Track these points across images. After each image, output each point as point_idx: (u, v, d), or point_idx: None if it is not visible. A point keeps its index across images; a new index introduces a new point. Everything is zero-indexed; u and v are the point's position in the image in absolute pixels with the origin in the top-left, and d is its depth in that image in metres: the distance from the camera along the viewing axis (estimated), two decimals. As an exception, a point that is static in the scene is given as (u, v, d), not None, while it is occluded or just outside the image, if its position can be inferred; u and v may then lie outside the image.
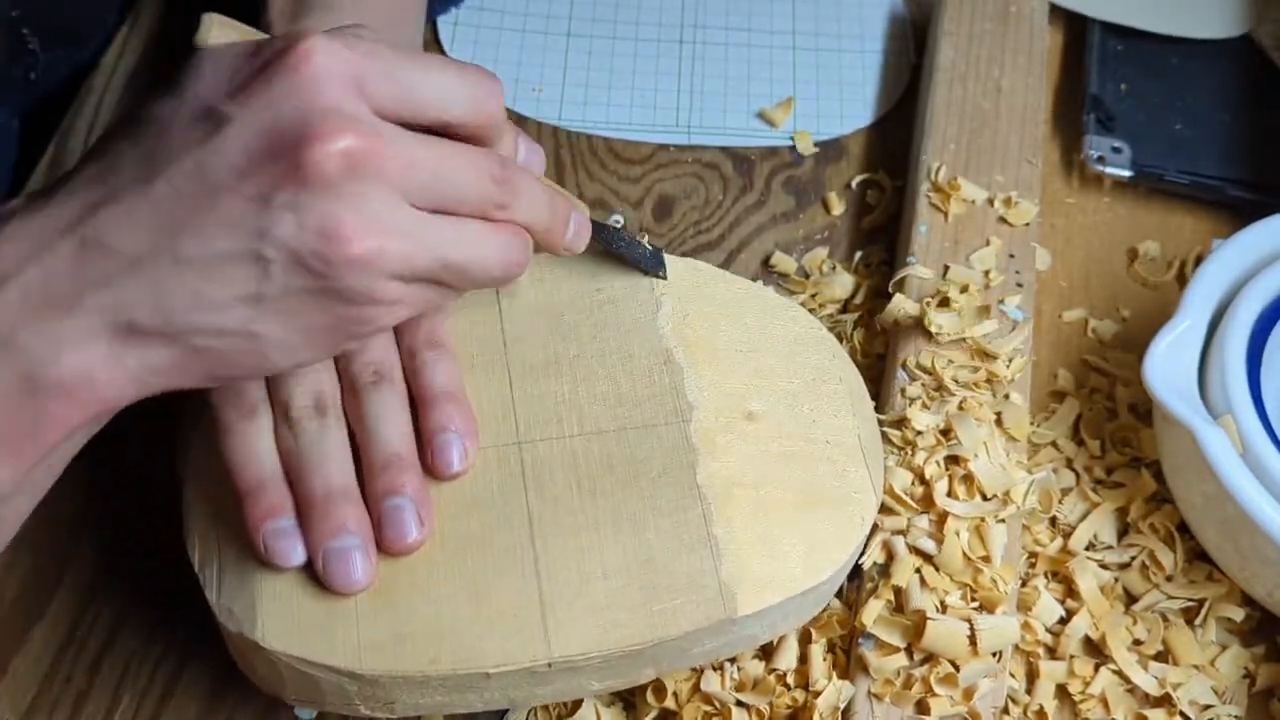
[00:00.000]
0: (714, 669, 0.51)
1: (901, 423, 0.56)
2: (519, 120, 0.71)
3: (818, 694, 0.50)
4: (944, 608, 0.51)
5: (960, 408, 0.56)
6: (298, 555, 0.46)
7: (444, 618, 0.46)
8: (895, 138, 0.71)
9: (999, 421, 0.57)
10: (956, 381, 0.57)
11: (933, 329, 0.57)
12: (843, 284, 0.64)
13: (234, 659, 0.49)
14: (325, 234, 0.39)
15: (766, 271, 0.65)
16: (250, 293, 0.39)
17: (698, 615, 0.47)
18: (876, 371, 0.60)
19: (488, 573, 0.47)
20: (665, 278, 0.54)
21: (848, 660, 0.52)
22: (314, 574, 0.46)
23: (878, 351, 0.61)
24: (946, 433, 0.55)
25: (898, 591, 0.52)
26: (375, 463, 0.47)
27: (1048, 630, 0.54)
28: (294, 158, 0.38)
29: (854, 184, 0.69)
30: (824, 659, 0.52)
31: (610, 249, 0.53)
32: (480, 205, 0.43)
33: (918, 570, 0.52)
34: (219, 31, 0.41)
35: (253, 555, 0.47)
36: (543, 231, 0.46)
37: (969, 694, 0.50)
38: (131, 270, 0.39)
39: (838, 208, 0.68)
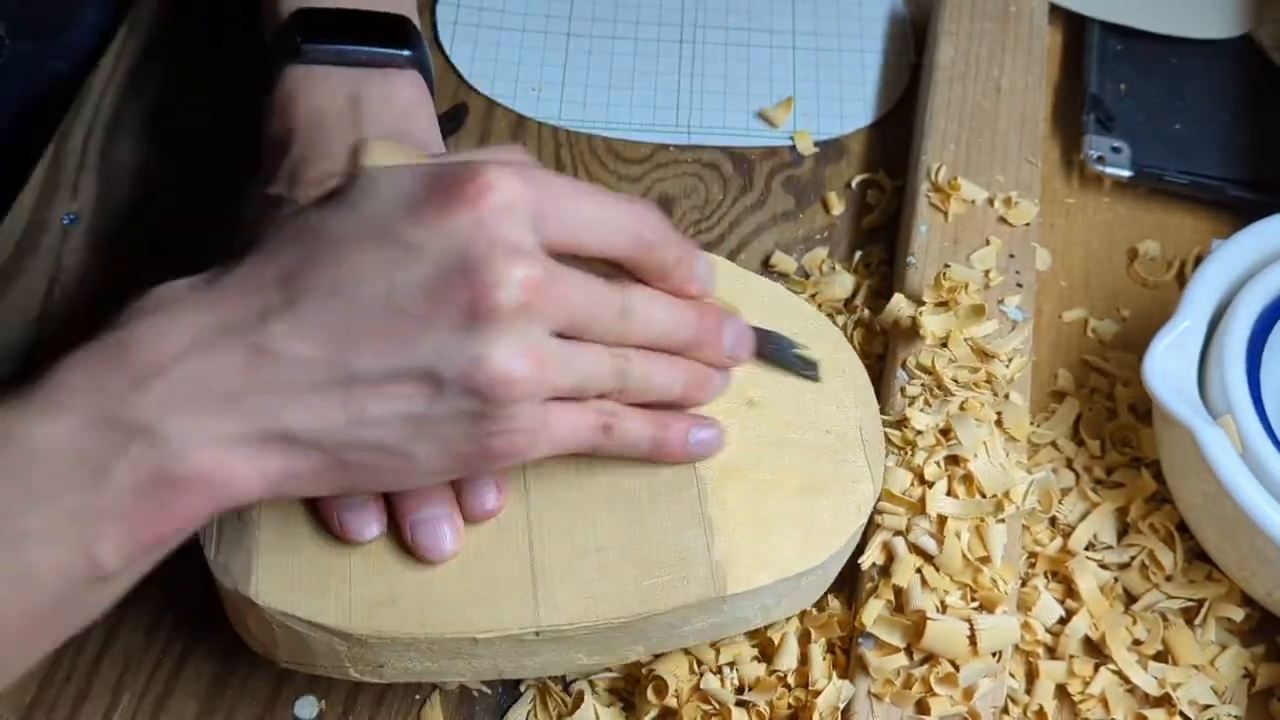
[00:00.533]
0: (714, 671, 0.52)
1: (901, 423, 0.56)
2: (518, 120, 0.71)
3: (817, 694, 0.50)
4: (944, 608, 0.51)
5: (961, 408, 0.56)
6: (372, 530, 0.47)
7: (435, 582, 0.47)
8: (895, 137, 0.71)
9: (999, 421, 0.57)
10: (956, 382, 0.57)
11: (925, 334, 0.57)
12: (842, 284, 0.64)
13: (232, 624, 0.49)
14: (498, 363, 0.40)
15: (766, 271, 0.65)
16: (415, 413, 0.40)
17: (687, 592, 0.47)
18: (876, 371, 0.60)
19: (481, 541, 0.48)
20: (817, 379, 0.53)
21: (848, 660, 0.52)
22: (310, 534, 0.47)
23: (877, 352, 0.61)
24: (946, 433, 0.55)
25: (898, 591, 0.52)
26: None
27: (1047, 630, 0.54)
28: (477, 287, 0.39)
29: (854, 184, 0.69)
30: (824, 659, 0.52)
31: (765, 355, 0.53)
32: (613, 336, 0.44)
33: (918, 570, 0.52)
34: (381, 154, 0.43)
35: (245, 518, 0.47)
36: (693, 347, 0.47)
37: (969, 694, 0.50)
38: (300, 383, 0.39)
39: (838, 208, 0.68)
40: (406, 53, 0.58)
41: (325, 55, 0.57)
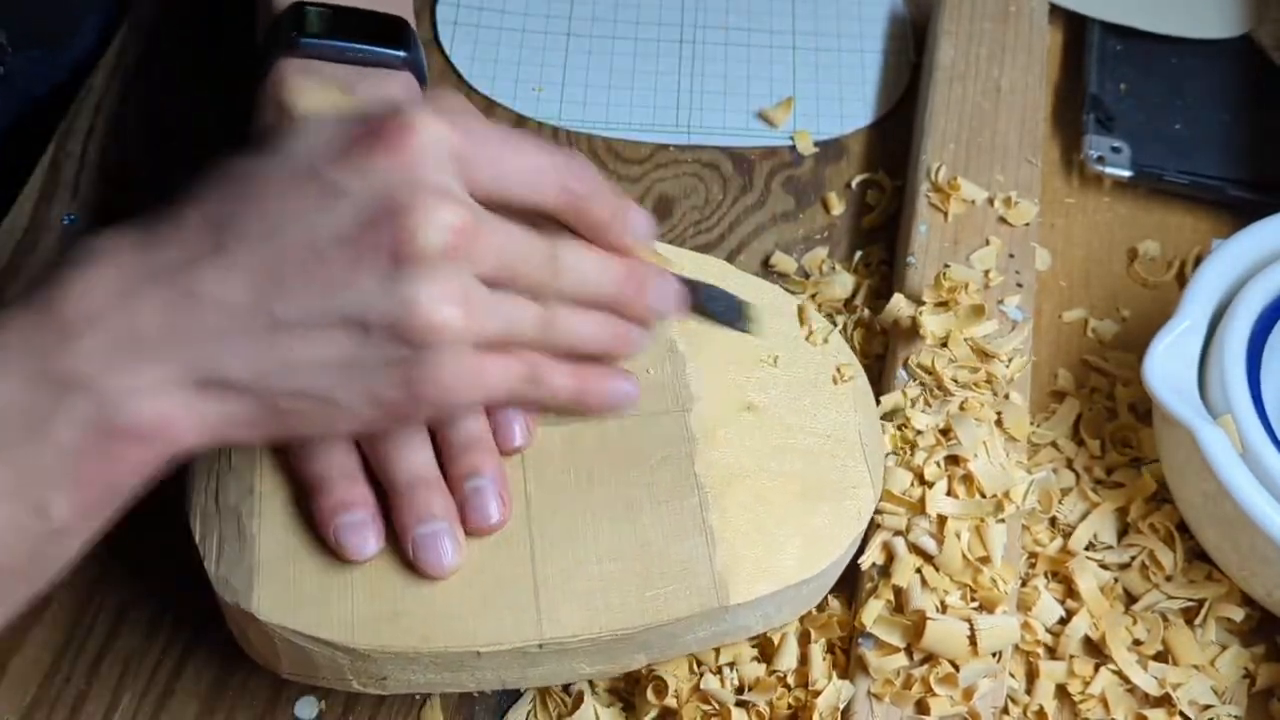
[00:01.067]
0: (713, 672, 0.51)
1: (902, 423, 0.56)
2: (519, 121, 0.71)
3: (817, 694, 0.50)
4: (944, 608, 0.51)
5: (961, 408, 0.56)
6: (370, 547, 0.47)
7: (437, 596, 0.46)
8: (895, 137, 0.71)
9: (999, 422, 0.57)
10: (956, 382, 0.57)
11: (925, 334, 0.57)
12: (842, 284, 0.64)
13: (233, 634, 0.49)
14: (424, 307, 0.39)
15: (766, 271, 0.65)
16: (342, 357, 0.40)
17: (690, 603, 0.47)
18: (876, 371, 0.60)
19: (483, 553, 0.47)
20: (750, 332, 0.51)
21: (848, 660, 0.52)
22: (310, 548, 0.47)
23: (877, 352, 0.61)
24: (946, 432, 0.55)
25: (898, 591, 0.52)
26: (454, 445, 0.48)
27: (1048, 630, 0.54)
28: (401, 230, 0.39)
29: (854, 184, 0.69)
30: (823, 659, 0.52)
31: (699, 309, 0.50)
32: (539, 286, 0.43)
33: (918, 570, 0.52)
34: (315, 98, 0.43)
35: (246, 532, 0.47)
36: (620, 301, 0.46)
37: (969, 694, 0.50)
38: (228, 327, 0.39)
39: (837, 208, 0.68)
40: (402, 54, 0.57)
41: (320, 50, 0.56)
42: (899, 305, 0.59)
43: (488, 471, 0.48)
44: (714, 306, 0.50)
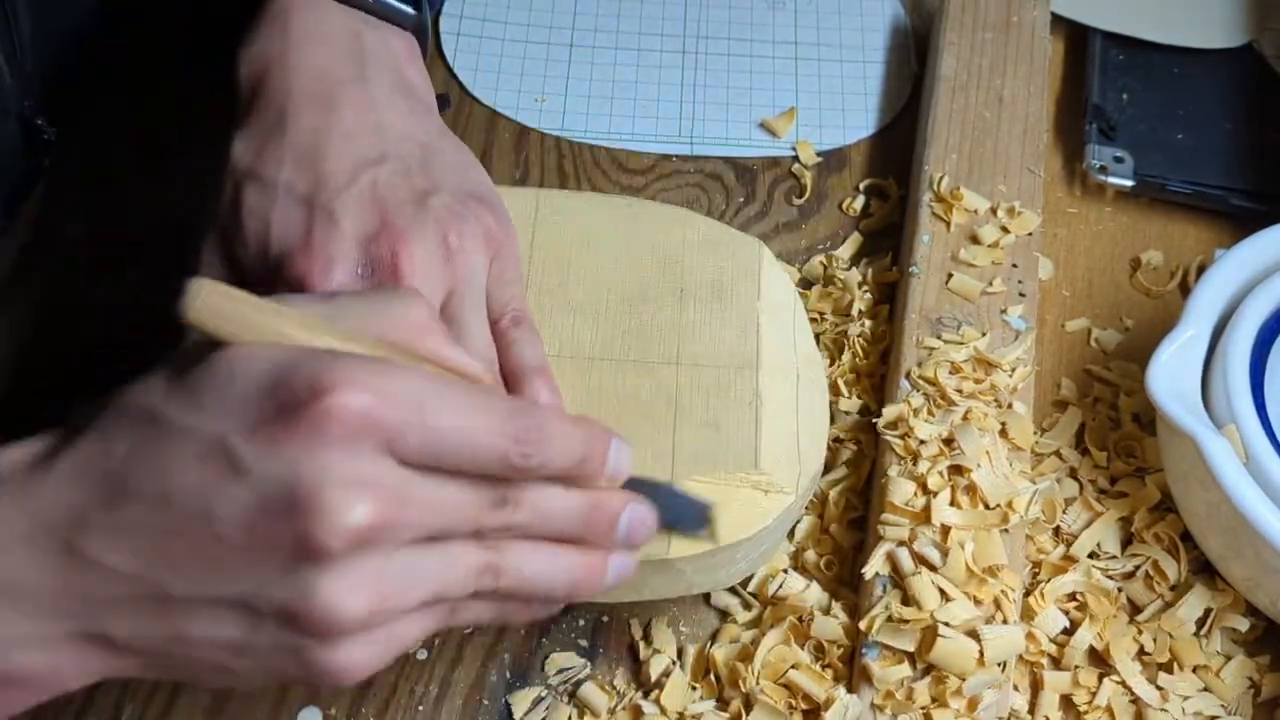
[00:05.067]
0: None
1: (905, 433, 0.56)
2: (522, 131, 0.71)
3: (827, 705, 0.50)
4: (948, 618, 0.51)
5: (964, 418, 0.56)
6: None
7: None
8: (897, 148, 0.71)
9: (1003, 431, 0.57)
10: (960, 392, 0.57)
11: (916, 443, 0.56)
12: (845, 293, 0.64)
13: None
14: (322, 604, 0.36)
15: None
16: (234, 640, 0.37)
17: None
18: (879, 381, 0.60)
19: None
20: (706, 538, 0.48)
21: (850, 671, 0.52)
22: None
23: (879, 361, 0.61)
24: (950, 442, 0.55)
25: (902, 601, 0.52)
26: None
27: (1052, 640, 0.54)
28: (302, 529, 0.35)
29: (861, 187, 0.69)
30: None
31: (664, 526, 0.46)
32: (477, 535, 0.40)
33: (921, 579, 0.52)
34: (209, 302, 0.37)
35: None
36: (581, 538, 0.42)
37: (973, 704, 0.50)
38: (115, 594, 0.37)
39: (840, 217, 0.68)
40: (412, 11, 0.55)
41: None
42: (891, 411, 0.57)
43: None
44: (674, 520, 0.46)
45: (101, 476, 0.37)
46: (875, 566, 0.53)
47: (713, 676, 0.53)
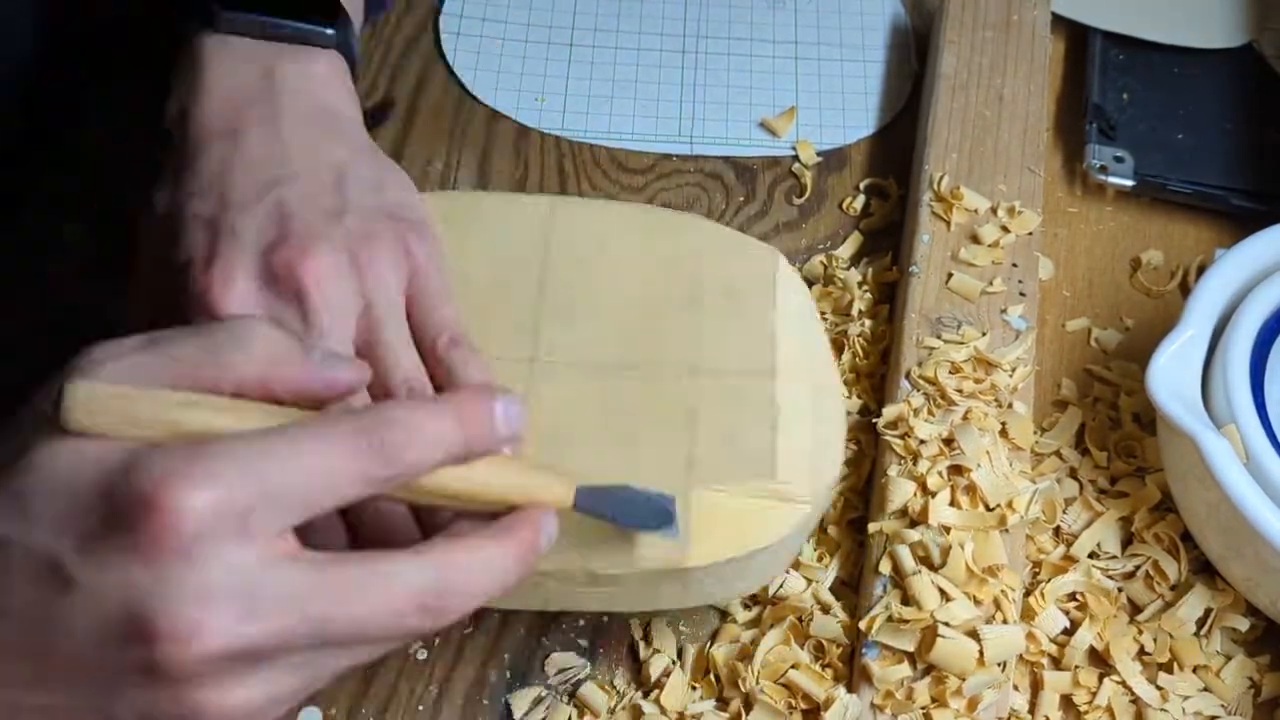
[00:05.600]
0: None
1: (905, 432, 0.56)
2: (522, 131, 0.71)
3: (827, 705, 0.50)
4: (948, 618, 0.51)
5: (964, 418, 0.56)
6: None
7: None
8: (897, 147, 0.71)
9: (1003, 431, 0.57)
10: (960, 392, 0.57)
11: (916, 442, 0.56)
12: (846, 293, 0.64)
13: None
14: (185, 716, 0.34)
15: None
16: None
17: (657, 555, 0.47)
18: (879, 381, 0.60)
19: None
20: (672, 537, 0.46)
21: (850, 671, 0.52)
22: None
23: (879, 361, 0.61)
24: (950, 442, 0.55)
25: (902, 601, 0.52)
26: None
27: (1052, 640, 0.54)
28: (145, 657, 0.33)
29: (861, 187, 0.69)
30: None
31: (610, 519, 0.45)
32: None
33: (921, 579, 0.52)
34: (85, 405, 0.35)
35: None
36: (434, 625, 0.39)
37: (973, 704, 0.50)
38: None
39: (841, 217, 0.68)
40: (330, 31, 0.53)
41: (243, 25, 0.52)
42: (891, 410, 0.57)
43: None
44: (635, 522, 0.46)
45: None
46: (878, 566, 0.53)
47: (712, 676, 0.53)
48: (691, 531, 0.48)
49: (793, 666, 0.52)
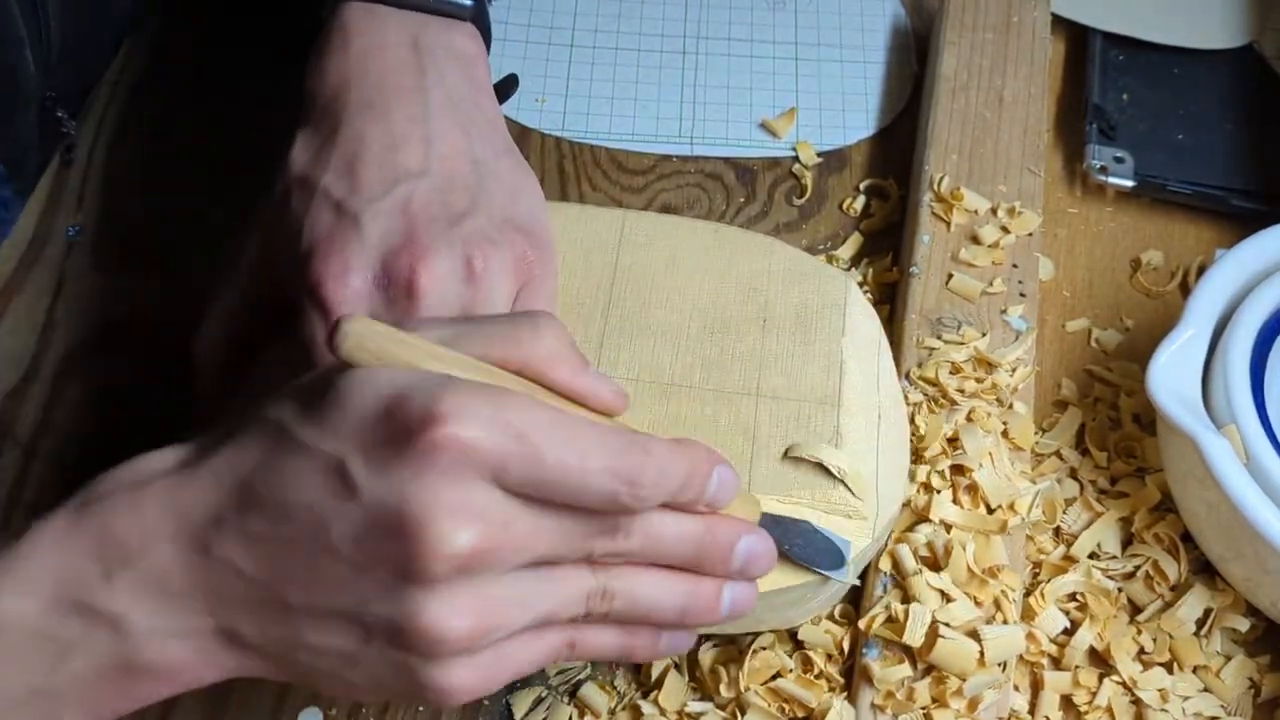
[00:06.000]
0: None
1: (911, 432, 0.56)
2: (523, 131, 0.71)
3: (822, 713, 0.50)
4: (949, 618, 0.51)
5: (967, 418, 0.56)
6: None
7: None
8: (897, 148, 0.71)
9: (1004, 432, 0.57)
10: (962, 392, 0.57)
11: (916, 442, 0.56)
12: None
13: None
14: (426, 624, 0.38)
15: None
16: (346, 650, 0.39)
17: None
18: (880, 381, 0.60)
19: None
20: (844, 579, 0.49)
21: (850, 672, 0.52)
22: None
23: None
24: (952, 442, 0.55)
25: (903, 601, 0.52)
26: None
27: (1052, 641, 0.54)
28: (408, 552, 0.37)
29: (861, 187, 0.69)
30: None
31: (784, 551, 0.48)
32: (588, 560, 0.41)
33: (923, 580, 0.52)
34: (358, 339, 0.39)
35: None
36: (695, 565, 0.43)
37: (973, 705, 0.50)
38: (244, 595, 0.39)
39: (841, 218, 0.68)
40: (468, 2, 0.55)
41: None
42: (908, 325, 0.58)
43: None
44: (809, 557, 0.48)
45: (235, 483, 0.38)
46: (878, 565, 0.53)
47: (701, 679, 0.53)
48: None
49: (777, 674, 0.52)
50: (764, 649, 0.52)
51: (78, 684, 0.39)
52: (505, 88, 0.64)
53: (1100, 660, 0.54)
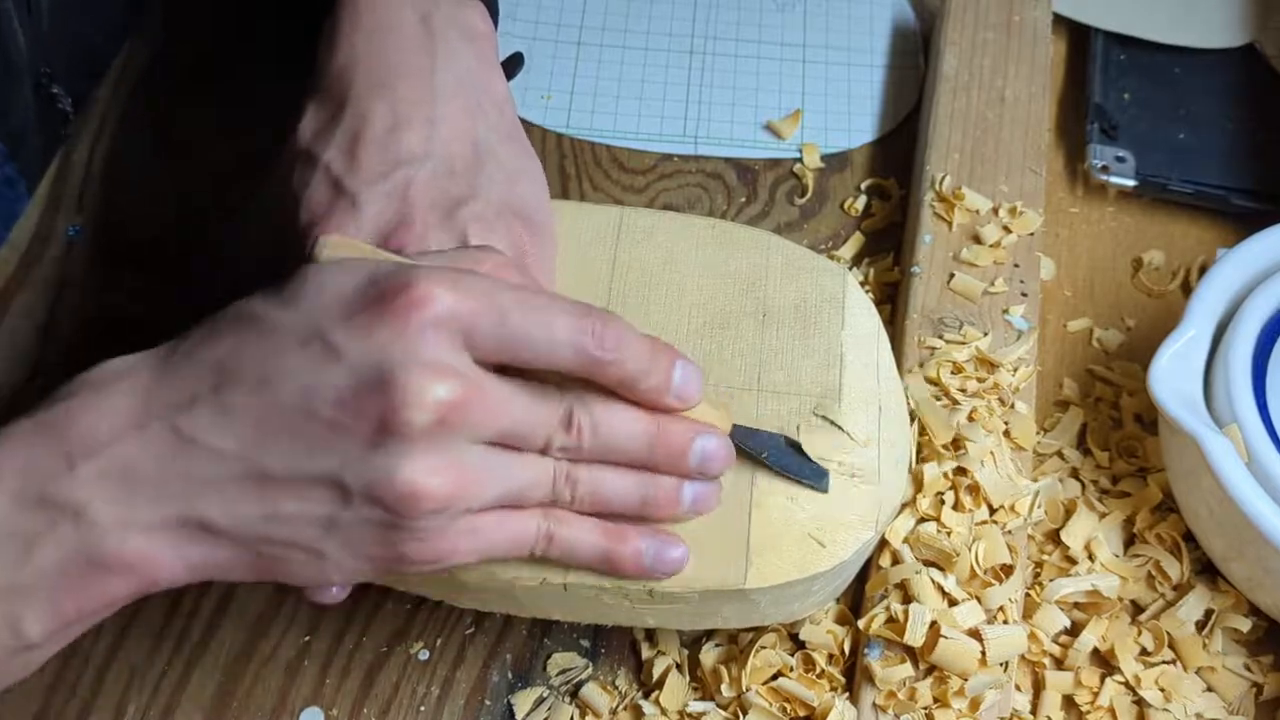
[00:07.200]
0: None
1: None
2: (526, 127, 0.71)
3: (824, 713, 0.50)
4: (952, 618, 0.51)
5: (969, 418, 0.56)
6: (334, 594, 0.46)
7: None
8: (899, 147, 0.71)
9: (1006, 432, 0.57)
10: (964, 391, 0.57)
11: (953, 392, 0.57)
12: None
13: None
14: (404, 480, 0.39)
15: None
16: (325, 516, 0.40)
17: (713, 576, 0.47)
18: (881, 381, 0.60)
19: None
20: (822, 489, 0.50)
21: (851, 672, 0.52)
22: None
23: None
24: (955, 442, 0.55)
25: (905, 601, 0.52)
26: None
27: (1054, 641, 0.54)
28: (389, 404, 0.38)
29: (863, 187, 0.69)
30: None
31: (760, 459, 0.49)
32: (552, 447, 0.43)
33: (925, 579, 0.52)
34: (339, 251, 0.43)
35: None
36: (652, 462, 0.45)
37: (975, 704, 0.50)
38: (217, 474, 0.39)
39: (842, 217, 0.68)
40: None
41: None
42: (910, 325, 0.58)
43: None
44: (788, 467, 0.49)
45: (209, 365, 0.40)
46: (879, 565, 0.53)
47: (703, 678, 0.53)
48: (750, 556, 0.48)
49: (778, 674, 0.52)
50: (765, 648, 0.52)
51: (41, 579, 0.39)
52: (510, 65, 0.64)
53: (1102, 660, 0.54)
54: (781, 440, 0.50)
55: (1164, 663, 0.54)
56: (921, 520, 0.54)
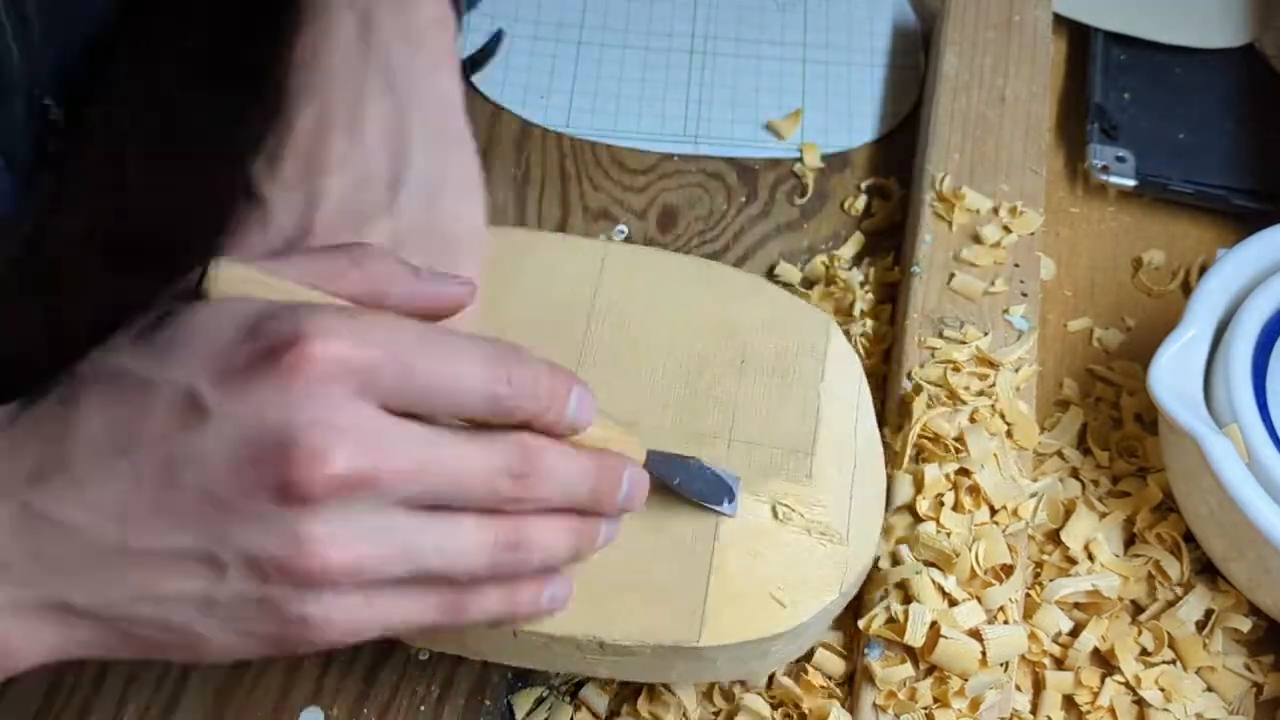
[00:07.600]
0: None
1: (907, 434, 0.56)
2: (525, 129, 0.71)
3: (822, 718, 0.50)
4: (952, 618, 0.51)
5: (971, 419, 0.56)
6: None
7: None
8: (899, 147, 0.71)
9: (1008, 433, 0.57)
10: (967, 390, 0.57)
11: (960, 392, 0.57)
12: (847, 294, 0.64)
13: None
14: (293, 553, 0.36)
15: (771, 279, 0.65)
16: (199, 594, 0.36)
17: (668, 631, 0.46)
18: (881, 381, 0.60)
19: None
20: (727, 514, 0.49)
21: (851, 673, 0.52)
22: None
23: (881, 361, 0.61)
24: (957, 441, 0.55)
25: (905, 601, 0.52)
26: None
27: (1054, 641, 0.54)
28: (275, 475, 0.35)
29: (863, 187, 0.69)
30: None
31: (673, 486, 0.48)
32: (491, 504, 0.39)
33: (926, 579, 0.52)
34: (230, 285, 0.38)
35: None
36: (587, 505, 0.41)
37: (975, 705, 0.50)
38: (74, 551, 0.36)
39: (842, 217, 0.68)
40: None
41: None
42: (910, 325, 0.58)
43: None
44: (700, 492, 0.48)
45: (59, 433, 0.36)
46: (880, 564, 0.52)
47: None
48: (706, 613, 0.47)
49: (774, 675, 0.52)
50: None
51: None
52: (488, 49, 0.64)
53: (1102, 660, 0.54)
54: (693, 464, 0.48)
55: (1164, 663, 0.54)
56: (922, 520, 0.53)
